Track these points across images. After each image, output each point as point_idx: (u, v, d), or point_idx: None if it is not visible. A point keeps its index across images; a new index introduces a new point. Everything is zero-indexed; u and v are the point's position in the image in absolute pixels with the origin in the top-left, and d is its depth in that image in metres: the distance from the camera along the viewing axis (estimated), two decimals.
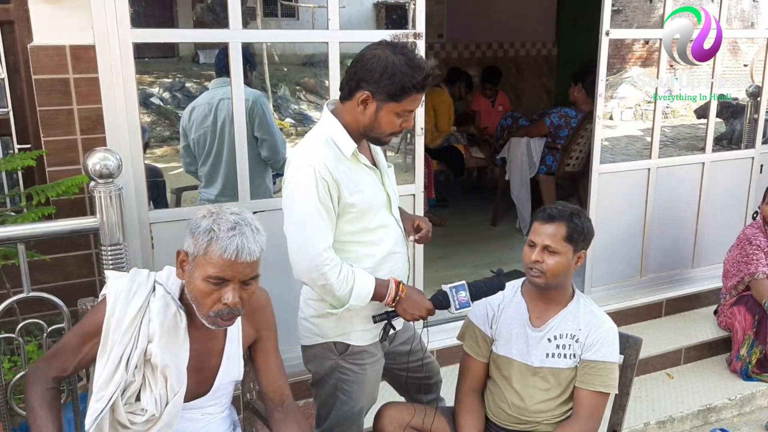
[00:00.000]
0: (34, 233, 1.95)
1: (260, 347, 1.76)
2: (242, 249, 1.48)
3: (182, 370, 1.59)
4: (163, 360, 1.55)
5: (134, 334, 1.56)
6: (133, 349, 1.55)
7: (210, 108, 2.93)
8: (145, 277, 1.63)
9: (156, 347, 1.55)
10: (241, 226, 1.50)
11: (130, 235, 2.29)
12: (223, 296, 1.51)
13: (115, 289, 1.59)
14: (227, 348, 1.68)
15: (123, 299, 1.57)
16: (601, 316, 1.98)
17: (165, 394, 1.57)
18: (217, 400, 1.73)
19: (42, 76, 2.22)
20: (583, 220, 1.94)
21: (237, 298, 1.51)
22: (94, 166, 1.92)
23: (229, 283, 1.51)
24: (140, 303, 1.57)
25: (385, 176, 1.93)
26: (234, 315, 1.55)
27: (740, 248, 3.32)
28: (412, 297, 1.88)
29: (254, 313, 1.72)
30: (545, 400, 1.97)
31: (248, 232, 1.50)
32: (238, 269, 1.50)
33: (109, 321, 1.56)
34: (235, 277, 1.50)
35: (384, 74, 1.70)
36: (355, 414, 1.99)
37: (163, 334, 1.56)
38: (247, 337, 1.73)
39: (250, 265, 1.51)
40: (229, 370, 1.69)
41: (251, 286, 1.55)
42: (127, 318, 1.55)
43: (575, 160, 4.60)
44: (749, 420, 3.05)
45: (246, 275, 1.51)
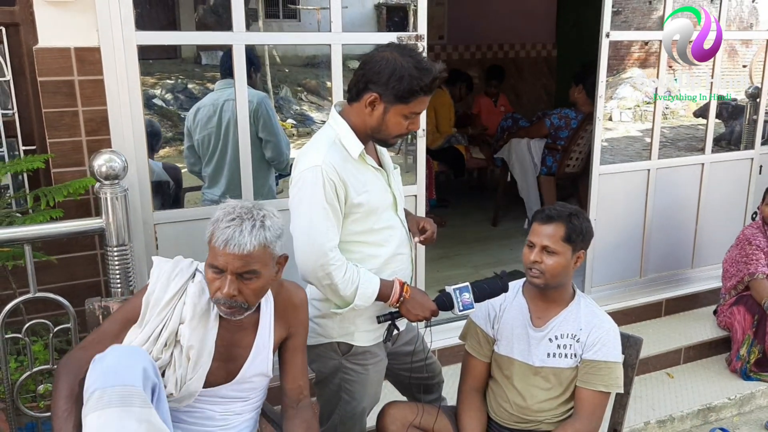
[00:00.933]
0: (40, 234, 1.97)
1: (288, 344, 1.78)
2: (231, 240, 1.50)
3: (204, 355, 1.62)
4: (190, 341, 1.60)
5: (168, 313, 1.61)
6: (164, 328, 1.60)
7: (215, 109, 2.94)
8: (188, 264, 1.68)
9: (186, 328, 1.60)
10: (241, 218, 1.52)
11: (135, 236, 2.30)
12: (221, 286, 1.54)
13: (159, 269, 1.65)
14: (257, 341, 1.70)
15: (164, 280, 1.63)
16: (601, 316, 2.00)
17: (184, 376, 1.61)
18: (243, 394, 1.73)
19: (47, 78, 2.23)
20: (582, 221, 1.95)
21: (231, 290, 1.53)
22: (100, 167, 1.94)
23: (226, 273, 1.53)
24: (179, 286, 1.63)
25: (391, 177, 1.95)
26: (234, 307, 1.56)
27: (740, 248, 3.34)
28: (416, 298, 1.89)
29: (287, 311, 1.75)
30: (547, 399, 1.98)
31: (247, 225, 1.51)
32: (228, 260, 1.51)
33: (148, 298, 1.62)
34: (227, 267, 1.52)
35: (392, 76, 1.72)
36: (358, 414, 2.01)
37: (194, 317, 1.61)
38: (279, 333, 1.75)
39: (240, 257, 1.51)
40: (256, 363, 1.70)
41: (251, 281, 1.55)
42: (165, 298, 1.61)
43: (575, 161, 4.62)
44: (749, 419, 3.06)
45: (237, 267, 1.52)
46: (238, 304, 1.56)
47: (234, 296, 1.54)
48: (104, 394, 1.39)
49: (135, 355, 1.50)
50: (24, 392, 2.08)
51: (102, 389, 1.39)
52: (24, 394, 2.07)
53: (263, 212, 1.58)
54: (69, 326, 2.03)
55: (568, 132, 4.53)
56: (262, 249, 1.54)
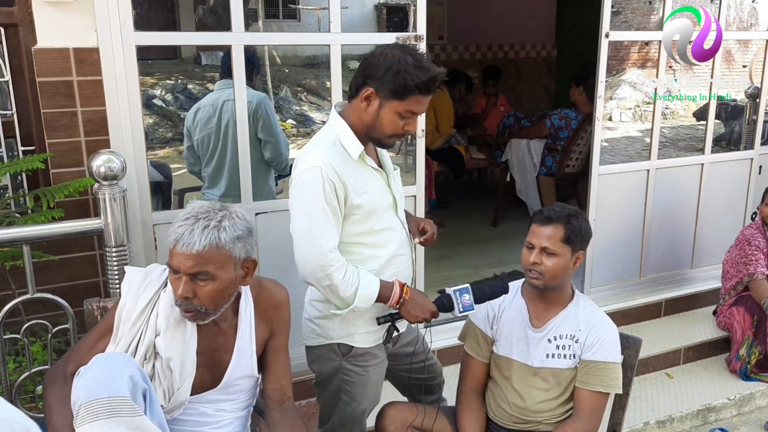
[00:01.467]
0: (39, 234, 1.97)
1: (271, 344, 1.75)
2: (180, 239, 1.46)
3: (187, 364, 1.60)
4: (167, 353, 1.57)
5: (142, 326, 1.58)
6: (140, 342, 1.58)
7: (214, 109, 2.94)
8: (159, 272, 1.65)
9: (161, 341, 1.57)
10: (196, 218, 1.48)
11: (134, 236, 2.30)
12: (177, 288, 1.51)
13: (129, 282, 1.62)
14: (238, 343, 1.68)
15: (134, 292, 1.60)
16: (601, 316, 1.99)
17: (171, 387, 1.59)
18: (231, 396, 1.72)
19: (46, 78, 2.23)
20: (581, 221, 1.95)
21: (183, 291, 1.49)
22: (99, 168, 1.94)
23: (181, 274, 1.49)
24: (150, 296, 1.60)
25: (391, 178, 1.94)
26: (191, 310, 1.52)
27: (739, 249, 3.34)
28: (416, 299, 1.89)
29: (268, 310, 1.73)
30: (546, 400, 1.98)
31: (200, 224, 1.47)
32: (179, 260, 1.48)
33: (120, 312, 1.59)
34: (179, 267, 1.49)
35: (388, 71, 1.71)
36: (358, 415, 2.00)
37: (168, 328, 1.58)
38: (262, 334, 1.72)
39: (189, 256, 1.46)
40: (240, 366, 1.68)
41: (207, 284, 1.50)
42: (136, 310, 1.58)
43: (575, 161, 4.62)
44: (748, 420, 3.06)
45: (188, 267, 1.47)
46: (194, 307, 1.51)
47: (188, 298, 1.50)
48: (91, 407, 1.36)
49: (119, 363, 1.45)
50: (22, 393, 2.07)
51: (88, 402, 1.36)
52: (23, 395, 2.07)
53: (223, 213, 1.53)
54: (68, 327, 2.03)
55: (568, 132, 4.53)
56: (214, 250, 1.48)
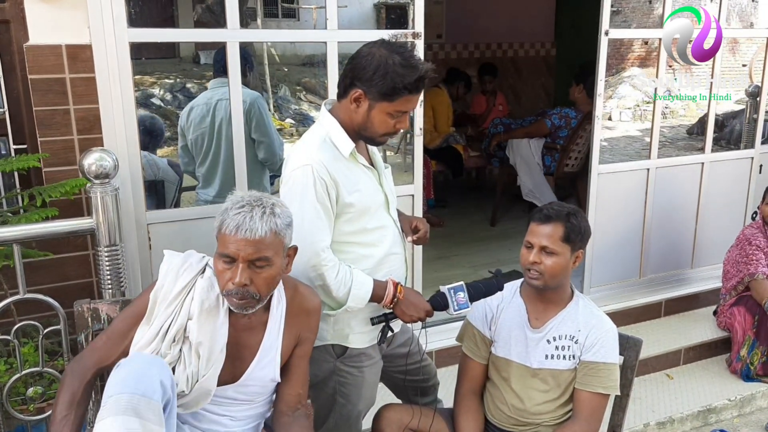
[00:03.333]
0: (29, 234, 1.94)
1: (296, 351, 1.72)
2: (242, 225, 1.48)
3: (216, 351, 1.59)
4: (198, 338, 1.57)
5: (176, 308, 1.59)
6: (173, 323, 1.58)
7: (208, 108, 2.91)
8: (198, 258, 1.66)
9: (194, 324, 1.58)
10: (251, 206, 1.51)
11: (128, 236, 2.27)
12: (233, 276, 1.51)
13: (168, 264, 1.62)
14: (264, 342, 1.66)
15: (173, 275, 1.60)
16: (600, 316, 1.97)
17: (196, 373, 1.58)
18: (247, 397, 1.70)
19: (38, 75, 2.20)
20: (580, 220, 1.93)
21: (243, 278, 1.50)
22: (90, 166, 1.91)
23: (237, 262, 1.50)
24: (187, 280, 1.60)
25: (383, 177, 1.92)
26: (246, 297, 1.53)
27: (740, 248, 3.32)
28: (411, 298, 1.86)
29: (299, 316, 1.70)
30: (545, 401, 1.95)
31: (257, 212, 1.50)
32: (239, 246, 1.49)
33: (157, 293, 1.60)
34: (238, 254, 1.50)
35: (376, 73, 1.68)
36: (354, 416, 1.98)
37: (201, 313, 1.58)
38: (289, 339, 1.70)
39: (252, 242, 1.49)
40: (262, 364, 1.66)
41: (263, 270, 1.52)
42: (173, 292, 1.59)
43: (574, 160, 4.59)
44: (749, 421, 3.04)
45: (249, 254, 1.49)
46: (250, 294, 1.53)
47: (246, 285, 1.51)
48: (120, 399, 1.37)
49: (156, 366, 1.47)
50: (14, 395, 2.04)
51: (119, 395, 1.38)
52: (14, 397, 2.04)
53: (272, 200, 1.57)
54: (59, 328, 2.00)
55: (568, 131, 4.51)
56: (273, 236, 1.51)
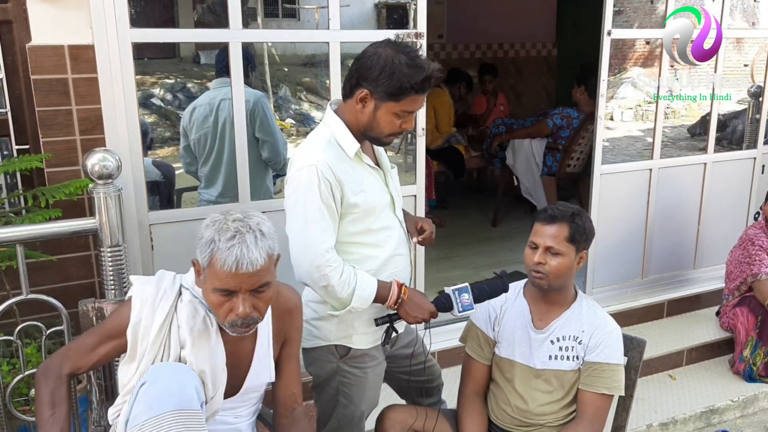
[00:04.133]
0: (32, 234, 1.93)
1: (284, 351, 1.72)
2: (242, 260, 1.42)
3: (218, 372, 1.56)
4: (199, 366, 1.52)
5: (164, 341, 1.53)
6: (165, 357, 1.53)
7: (211, 108, 2.91)
8: (170, 281, 1.59)
9: (189, 355, 1.52)
10: (242, 234, 1.43)
11: (130, 237, 2.27)
12: (234, 307, 1.47)
13: (141, 295, 1.55)
14: (258, 350, 1.65)
15: (149, 305, 1.53)
16: (604, 317, 1.96)
17: (205, 398, 1.55)
18: (248, 402, 1.70)
19: (40, 76, 2.20)
20: (585, 220, 1.92)
21: (248, 308, 1.46)
22: (93, 166, 1.91)
23: (237, 293, 1.46)
24: (167, 309, 1.54)
25: (389, 177, 1.91)
26: (251, 324, 1.51)
27: (742, 249, 3.31)
28: (415, 299, 1.86)
29: (283, 316, 1.70)
30: (548, 402, 1.95)
31: (250, 239, 1.43)
32: (241, 280, 1.44)
33: (135, 327, 1.53)
34: (240, 287, 1.45)
35: (383, 73, 1.68)
36: (357, 417, 1.97)
37: (194, 341, 1.53)
38: (277, 338, 1.70)
39: (254, 274, 1.44)
40: (258, 372, 1.66)
41: (264, 293, 1.49)
42: (155, 325, 1.52)
43: (576, 160, 4.59)
44: (752, 422, 3.03)
45: (252, 284, 1.45)
46: (255, 319, 1.50)
47: (250, 314, 1.48)
48: (160, 421, 1.34)
49: (186, 373, 1.45)
50: (16, 396, 2.04)
51: (157, 416, 1.34)
52: (16, 398, 2.04)
53: (256, 219, 1.50)
54: (62, 328, 1.99)
55: (570, 132, 4.50)
56: (269, 259, 1.47)
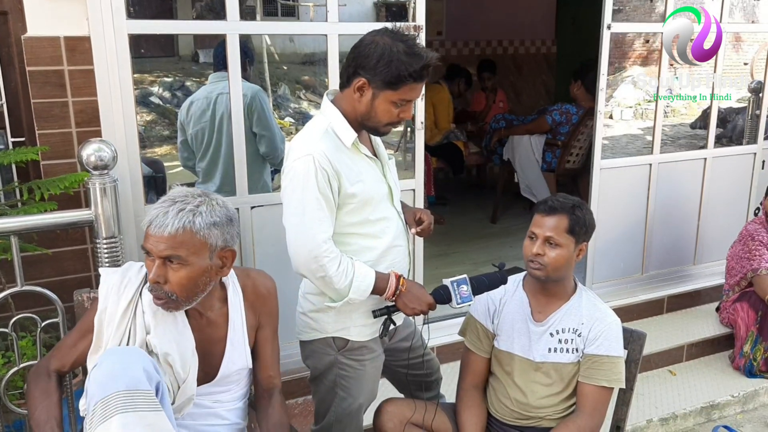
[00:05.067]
0: (27, 225, 1.92)
1: (258, 335, 1.73)
2: (154, 220, 1.46)
3: (187, 356, 1.57)
4: (163, 348, 1.54)
5: (128, 326, 1.54)
6: (131, 342, 1.54)
7: (208, 103, 2.89)
8: (137, 269, 1.61)
9: (154, 338, 1.54)
10: (173, 202, 1.48)
11: (126, 230, 2.25)
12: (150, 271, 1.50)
13: (106, 284, 1.57)
14: (230, 335, 1.66)
15: (114, 293, 1.56)
16: (604, 309, 1.95)
17: (174, 381, 1.56)
18: (226, 387, 1.70)
19: (36, 67, 2.19)
20: (585, 212, 1.91)
21: (155, 275, 1.48)
22: (89, 157, 1.89)
23: (154, 258, 1.48)
24: (131, 295, 1.56)
25: (386, 167, 1.89)
26: (161, 297, 1.50)
27: (743, 244, 3.30)
28: (413, 291, 1.84)
29: (256, 300, 1.71)
30: (548, 395, 1.93)
31: (175, 207, 1.47)
32: (151, 241, 1.47)
33: (101, 315, 1.55)
34: (152, 249, 1.47)
35: (380, 61, 1.66)
36: (354, 410, 1.96)
37: (158, 324, 1.54)
38: (252, 324, 1.70)
39: (162, 239, 1.45)
40: (233, 359, 1.66)
41: (176, 270, 1.48)
42: (119, 311, 1.54)
43: (575, 156, 4.58)
44: (752, 417, 3.02)
45: (160, 250, 1.46)
46: (165, 293, 1.49)
47: (158, 282, 1.48)
48: (108, 401, 1.33)
49: (132, 354, 1.44)
50: (11, 389, 2.03)
51: (105, 398, 1.33)
52: (11, 391, 2.02)
53: (202, 198, 1.51)
54: (57, 321, 1.98)
55: (569, 127, 4.49)
56: (187, 234, 1.46)
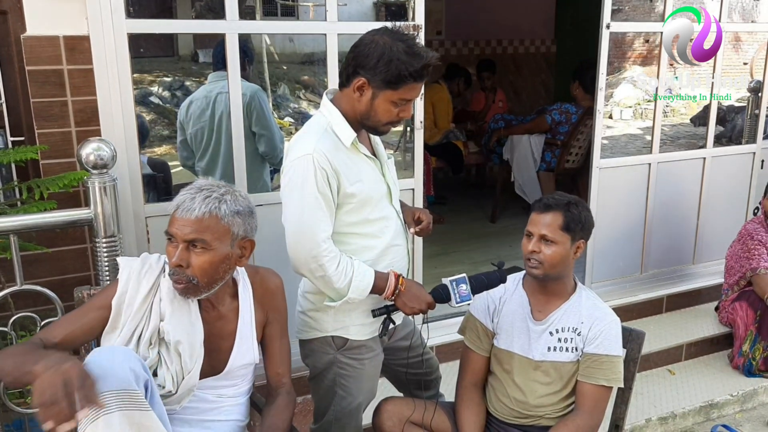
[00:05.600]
0: (27, 225, 1.92)
1: (266, 331, 1.76)
2: (182, 204, 1.52)
3: (196, 347, 1.60)
4: (176, 336, 1.57)
5: (146, 312, 1.59)
6: (146, 327, 1.58)
7: (207, 102, 2.90)
8: (155, 259, 1.66)
9: (168, 324, 1.58)
10: (200, 190, 1.54)
11: (126, 229, 2.26)
12: (172, 256, 1.54)
13: (128, 269, 1.62)
14: (239, 329, 1.68)
15: (135, 278, 1.60)
16: (603, 308, 1.95)
17: (180, 371, 1.58)
18: (232, 382, 1.71)
19: (35, 67, 2.18)
20: (581, 209, 1.91)
21: (178, 258, 1.52)
22: (88, 156, 1.90)
23: (177, 242, 1.52)
24: (151, 282, 1.61)
25: (385, 167, 1.90)
26: (182, 281, 1.53)
27: (741, 243, 3.30)
28: (412, 290, 1.84)
29: (264, 296, 1.74)
30: (547, 394, 1.94)
31: (202, 195, 1.53)
32: (177, 225, 1.52)
33: (120, 298, 1.58)
34: (177, 234, 1.51)
35: (380, 61, 1.66)
36: (354, 409, 1.96)
37: (173, 312, 1.59)
38: (260, 320, 1.73)
39: (188, 223, 1.51)
40: (242, 352, 1.69)
41: (199, 254, 1.52)
42: (139, 296, 1.58)
43: (575, 156, 4.58)
44: (751, 416, 3.02)
45: (185, 234, 1.51)
46: (186, 277, 1.53)
47: (180, 266, 1.52)
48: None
49: (119, 354, 1.44)
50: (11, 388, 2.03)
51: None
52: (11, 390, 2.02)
53: (227, 188, 1.58)
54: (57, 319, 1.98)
55: (568, 127, 4.49)
56: (213, 219, 1.52)
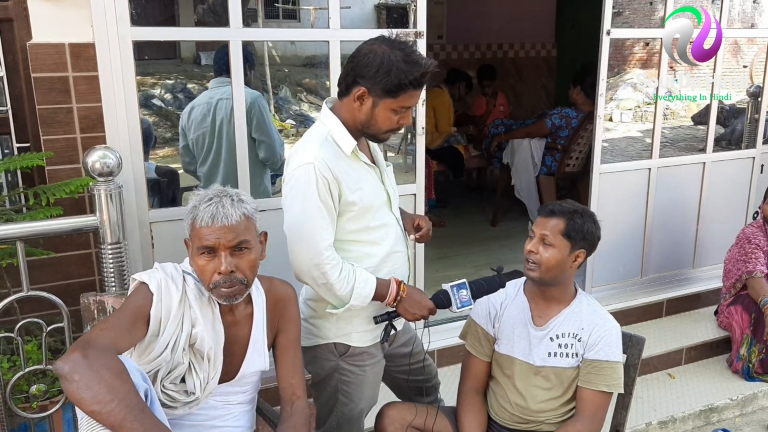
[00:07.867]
0: (33, 231, 1.94)
1: (278, 342, 1.77)
2: (217, 214, 1.53)
3: (219, 352, 1.63)
4: (208, 343, 1.60)
5: (180, 319, 1.60)
6: (180, 334, 1.59)
7: (209, 108, 2.92)
8: (172, 267, 1.66)
9: (202, 331, 1.60)
10: (219, 197, 1.56)
11: (131, 234, 2.28)
12: (217, 267, 1.55)
13: (155, 281, 1.60)
14: (253, 335, 1.70)
15: (165, 287, 1.60)
16: (604, 315, 1.97)
17: (206, 377, 1.61)
18: (242, 388, 1.73)
19: (41, 74, 2.20)
20: (585, 220, 1.93)
21: (229, 265, 1.54)
22: (94, 164, 1.92)
23: (218, 251, 1.54)
24: (180, 289, 1.61)
25: (385, 174, 1.92)
26: (234, 284, 1.56)
27: (739, 247, 3.31)
28: (413, 296, 1.86)
29: (276, 305, 1.75)
30: (547, 399, 1.95)
31: (226, 201, 1.55)
32: (218, 235, 1.53)
33: (157, 306, 1.57)
34: (219, 243, 1.53)
35: (380, 70, 1.68)
36: (356, 415, 1.98)
37: (204, 318, 1.61)
38: (272, 327, 1.75)
39: (230, 229, 1.53)
40: (253, 359, 1.70)
41: (245, 254, 1.56)
42: (174, 304, 1.59)
43: (575, 160, 4.59)
44: (751, 420, 3.03)
45: (230, 240, 1.54)
46: (238, 279, 1.56)
47: (232, 272, 1.55)
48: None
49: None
50: (17, 393, 2.05)
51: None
52: (17, 395, 2.04)
53: (236, 191, 1.62)
54: (62, 325, 2.00)
55: (569, 131, 4.51)
56: (246, 220, 1.57)
